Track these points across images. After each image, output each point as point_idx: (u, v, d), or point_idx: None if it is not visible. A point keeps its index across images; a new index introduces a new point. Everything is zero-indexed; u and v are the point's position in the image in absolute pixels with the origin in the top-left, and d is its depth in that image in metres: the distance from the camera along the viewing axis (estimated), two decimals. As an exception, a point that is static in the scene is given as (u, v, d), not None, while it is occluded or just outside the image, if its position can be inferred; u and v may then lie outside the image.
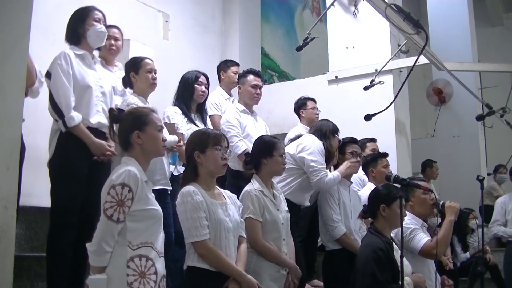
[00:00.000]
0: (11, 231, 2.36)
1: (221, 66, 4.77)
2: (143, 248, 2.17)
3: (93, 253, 2.12)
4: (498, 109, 5.99)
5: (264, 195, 2.95)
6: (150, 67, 3.50)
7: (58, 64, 3.01)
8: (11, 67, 2.43)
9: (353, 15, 5.73)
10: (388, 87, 5.26)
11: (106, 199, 2.13)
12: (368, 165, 4.11)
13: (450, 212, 3.30)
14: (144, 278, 2.13)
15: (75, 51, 3.12)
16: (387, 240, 3.03)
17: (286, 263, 2.92)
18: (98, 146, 3.05)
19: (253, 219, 2.83)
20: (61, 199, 2.98)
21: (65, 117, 2.96)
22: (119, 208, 2.12)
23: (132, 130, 2.31)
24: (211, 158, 2.55)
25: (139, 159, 2.30)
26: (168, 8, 5.76)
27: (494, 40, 9.33)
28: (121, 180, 2.14)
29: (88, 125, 3.07)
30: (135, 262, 2.13)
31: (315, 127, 3.78)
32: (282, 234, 2.96)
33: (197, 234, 2.41)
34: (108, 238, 2.11)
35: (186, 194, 2.46)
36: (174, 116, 3.76)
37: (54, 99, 3.00)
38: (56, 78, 3.01)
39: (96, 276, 2.10)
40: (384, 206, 3.09)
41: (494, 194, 6.93)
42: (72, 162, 3.01)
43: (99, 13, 3.21)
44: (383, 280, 2.84)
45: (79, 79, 3.07)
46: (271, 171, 3.04)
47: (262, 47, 7.28)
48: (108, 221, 2.11)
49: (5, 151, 2.36)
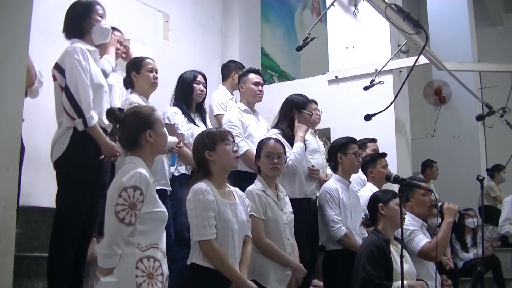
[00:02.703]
0: (11, 231, 2.35)
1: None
2: (151, 249, 2.18)
3: (104, 255, 2.11)
4: (498, 109, 5.99)
5: (267, 195, 2.97)
6: (151, 66, 3.51)
7: (76, 59, 2.90)
8: (11, 67, 2.42)
9: (353, 15, 5.73)
10: (388, 87, 5.26)
11: (117, 201, 2.11)
12: (367, 166, 4.11)
13: (449, 213, 3.33)
14: (152, 279, 2.14)
15: (87, 47, 3.02)
16: (384, 237, 3.06)
17: (289, 263, 2.94)
18: (110, 147, 2.98)
19: (255, 217, 2.86)
20: (69, 199, 2.90)
21: (86, 116, 2.87)
22: (131, 211, 2.11)
23: (143, 129, 2.29)
24: (223, 153, 2.58)
25: (146, 158, 2.29)
26: (168, 8, 5.76)
27: (494, 40, 9.32)
28: (133, 182, 2.13)
29: (101, 125, 3.00)
30: (143, 263, 2.13)
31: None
32: (286, 234, 2.99)
33: (205, 233, 2.43)
34: (119, 240, 2.10)
35: (198, 192, 2.48)
36: (174, 117, 3.76)
37: (74, 96, 2.88)
38: (75, 74, 2.89)
39: (107, 279, 2.09)
40: (382, 205, 3.15)
41: (492, 194, 6.93)
42: (85, 161, 2.92)
43: (101, 8, 3.15)
44: (375, 275, 2.90)
45: (93, 77, 2.99)
46: (263, 172, 3.07)
47: (262, 47, 7.27)
48: (120, 224, 2.10)
49: (5, 151, 2.36)
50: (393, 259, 3.00)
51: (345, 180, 3.67)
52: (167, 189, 3.48)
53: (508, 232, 5.52)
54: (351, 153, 3.64)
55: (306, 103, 3.77)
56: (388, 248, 3.02)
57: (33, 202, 3.73)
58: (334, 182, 3.63)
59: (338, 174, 3.68)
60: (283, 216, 3.00)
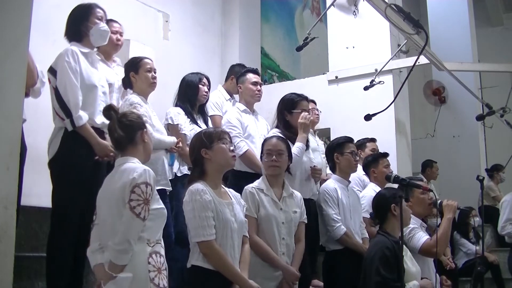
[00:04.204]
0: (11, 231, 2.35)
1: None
2: (157, 245, 2.24)
3: (119, 251, 2.12)
4: (498, 109, 5.99)
5: (264, 194, 2.96)
6: (149, 66, 3.50)
7: (66, 61, 2.97)
8: (11, 67, 2.42)
9: (353, 15, 5.73)
10: (388, 87, 5.26)
11: (130, 197, 2.14)
12: (369, 165, 4.12)
13: (448, 210, 3.35)
14: (160, 273, 2.19)
15: (80, 49, 3.08)
16: (394, 239, 3.03)
17: (277, 263, 2.90)
18: (103, 146, 3.02)
19: (247, 215, 2.83)
20: (63, 199, 2.96)
21: (73, 116, 2.93)
22: (145, 206, 2.16)
23: (142, 129, 2.38)
24: (219, 151, 2.58)
25: (141, 159, 2.34)
26: (168, 8, 5.76)
27: (494, 40, 9.32)
28: (144, 179, 2.18)
29: (93, 125, 3.05)
30: (153, 258, 2.18)
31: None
32: (281, 233, 2.96)
33: (204, 234, 2.42)
34: (135, 235, 2.14)
35: (194, 193, 2.47)
36: (178, 117, 3.77)
37: (62, 97, 2.95)
38: (64, 76, 2.96)
39: (122, 274, 2.10)
40: (394, 206, 3.09)
41: (492, 194, 6.93)
42: (76, 161, 2.97)
43: (101, 11, 3.20)
44: (390, 278, 2.85)
45: (85, 78, 3.04)
46: (264, 169, 3.06)
47: (262, 47, 7.27)
48: (137, 218, 2.13)
49: (5, 151, 2.35)
50: (403, 259, 2.98)
51: (344, 180, 3.66)
52: (167, 189, 3.48)
53: (510, 233, 5.51)
54: (348, 152, 3.63)
55: (296, 102, 3.65)
56: (400, 250, 2.99)
57: (33, 202, 3.73)
58: (333, 182, 3.63)
59: (337, 174, 3.68)
60: (280, 215, 2.99)
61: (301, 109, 3.62)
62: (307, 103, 3.73)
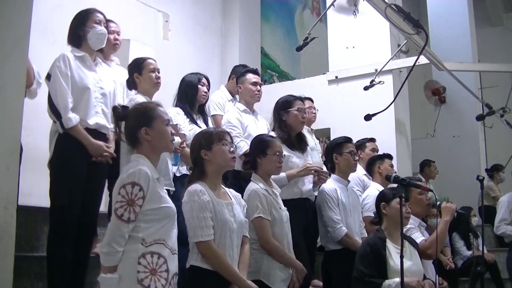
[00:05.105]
0: (11, 231, 2.35)
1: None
2: (155, 245, 2.16)
3: (104, 254, 2.10)
4: (498, 109, 5.98)
5: (269, 194, 2.96)
6: (153, 66, 3.54)
7: (56, 66, 3.05)
8: (11, 67, 2.43)
9: (353, 15, 5.73)
10: (388, 87, 5.26)
11: (116, 198, 2.12)
12: (375, 162, 4.16)
13: (446, 212, 3.37)
14: (155, 275, 2.12)
15: (75, 53, 3.15)
16: (381, 235, 3.10)
17: (292, 263, 2.94)
18: (96, 147, 3.07)
19: (263, 218, 2.85)
20: (60, 199, 3.00)
21: (62, 118, 2.99)
22: (130, 208, 2.10)
23: (139, 126, 2.28)
24: (219, 153, 2.57)
25: (149, 156, 2.28)
26: (168, 8, 5.76)
27: (494, 40, 9.32)
28: (131, 179, 2.13)
29: (87, 126, 3.09)
30: (146, 259, 2.12)
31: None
32: (287, 232, 2.99)
33: (202, 234, 2.41)
34: (118, 238, 2.09)
35: (193, 193, 2.46)
36: (177, 117, 3.76)
37: (52, 100, 3.03)
38: (54, 80, 3.04)
39: (108, 275, 2.09)
40: (384, 204, 3.18)
41: (491, 194, 6.92)
42: (70, 162, 3.03)
43: (99, 15, 3.24)
44: (365, 272, 2.95)
45: (77, 81, 3.09)
46: (266, 170, 3.05)
47: (262, 47, 7.27)
48: (119, 220, 2.09)
49: (5, 151, 2.36)
50: (390, 256, 3.00)
51: (344, 179, 3.67)
52: (171, 189, 3.49)
53: (504, 232, 5.50)
54: (347, 152, 3.63)
55: (290, 102, 3.64)
56: (383, 246, 3.02)
57: (33, 202, 3.74)
58: (332, 182, 3.63)
59: (336, 174, 3.68)
60: (282, 214, 3.00)
61: (297, 107, 3.63)
62: (301, 102, 3.74)
